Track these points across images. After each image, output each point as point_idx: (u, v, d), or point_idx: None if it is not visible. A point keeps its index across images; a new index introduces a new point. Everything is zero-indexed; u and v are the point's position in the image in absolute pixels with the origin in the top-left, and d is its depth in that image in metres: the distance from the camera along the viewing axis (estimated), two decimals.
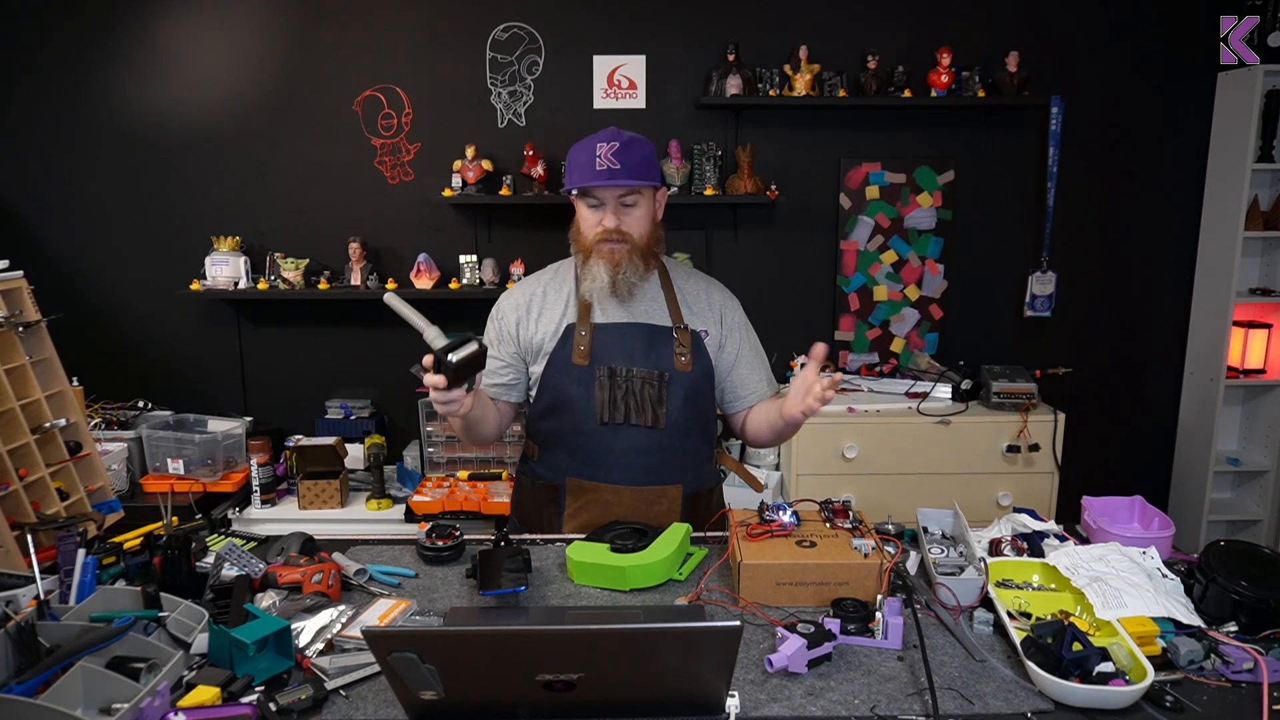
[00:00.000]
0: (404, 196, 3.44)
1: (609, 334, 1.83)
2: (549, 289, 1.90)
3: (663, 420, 1.82)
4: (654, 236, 1.84)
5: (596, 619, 1.45)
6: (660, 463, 1.84)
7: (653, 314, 1.85)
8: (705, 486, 1.94)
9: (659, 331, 1.84)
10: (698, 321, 1.88)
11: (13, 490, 1.91)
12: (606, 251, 1.78)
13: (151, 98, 3.36)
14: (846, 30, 3.36)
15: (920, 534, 1.68)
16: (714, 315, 1.91)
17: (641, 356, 1.82)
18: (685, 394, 1.83)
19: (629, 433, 1.82)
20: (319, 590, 1.47)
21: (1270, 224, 3.36)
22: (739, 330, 1.94)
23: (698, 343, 1.85)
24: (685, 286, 1.91)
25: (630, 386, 1.81)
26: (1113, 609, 1.34)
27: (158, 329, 3.52)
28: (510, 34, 3.35)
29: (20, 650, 1.18)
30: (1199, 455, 3.51)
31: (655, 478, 1.84)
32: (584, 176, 1.75)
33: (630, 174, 1.74)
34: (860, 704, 1.20)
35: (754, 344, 1.97)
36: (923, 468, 3.11)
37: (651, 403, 1.81)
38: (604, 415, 1.81)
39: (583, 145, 1.78)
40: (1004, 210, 3.50)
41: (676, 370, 1.82)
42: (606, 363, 1.81)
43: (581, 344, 1.82)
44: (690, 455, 1.89)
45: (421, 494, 3.09)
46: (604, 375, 1.80)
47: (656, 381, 1.81)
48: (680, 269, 1.95)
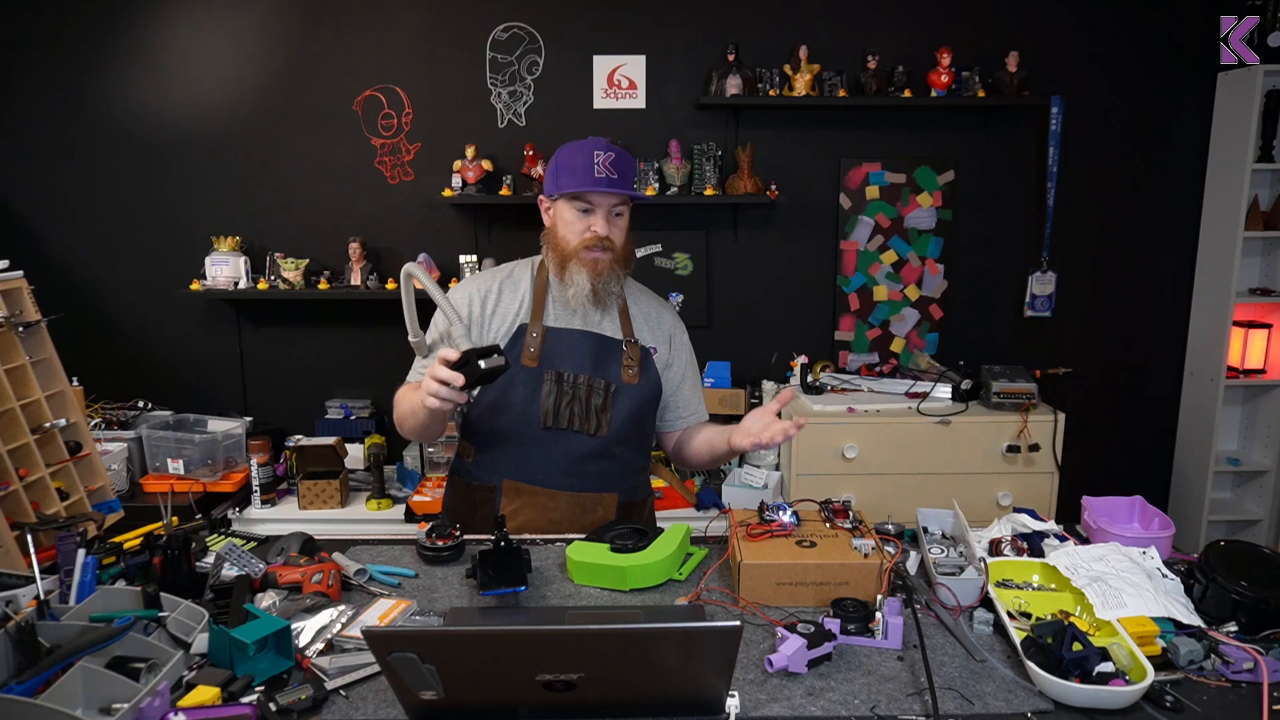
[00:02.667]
0: (404, 196, 3.44)
1: (560, 339, 1.83)
2: (504, 287, 1.88)
3: (605, 429, 1.83)
4: (630, 248, 1.87)
5: (596, 619, 1.45)
6: (598, 470, 1.86)
7: (604, 325, 1.87)
8: (639, 497, 1.97)
9: (609, 343, 1.86)
10: (648, 338, 1.90)
11: (13, 490, 1.91)
12: (590, 260, 1.78)
13: (151, 98, 3.36)
14: (846, 30, 3.36)
15: (920, 534, 1.69)
16: (664, 335, 1.94)
17: (590, 365, 1.83)
18: (630, 406, 1.85)
19: (570, 438, 1.82)
20: (319, 590, 1.47)
21: (1270, 224, 3.36)
22: (684, 353, 1.98)
23: (646, 358, 1.88)
24: (639, 303, 1.93)
25: (576, 393, 1.81)
26: (1113, 609, 1.34)
27: (158, 329, 3.52)
28: (510, 34, 3.35)
29: (20, 650, 1.18)
30: (1199, 455, 3.51)
31: (592, 485, 1.86)
32: (583, 182, 1.75)
33: (625, 185, 1.77)
34: (860, 704, 1.20)
35: (695, 369, 2.02)
36: (923, 468, 3.11)
37: (596, 411, 1.82)
38: (548, 420, 1.81)
39: (576, 150, 1.78)
40: (1004, 210, 3.50)
41: (623, 382, 1.84)
42: (555, 366, 1.81)
43: (532, 345, 1.82)
44: (627, 465, 1.91)
45: (421, 494, 3.09)
46: (552, 379, 1.81)
47: (603, 391, 1.82)
48: (634, 286, 1.96)
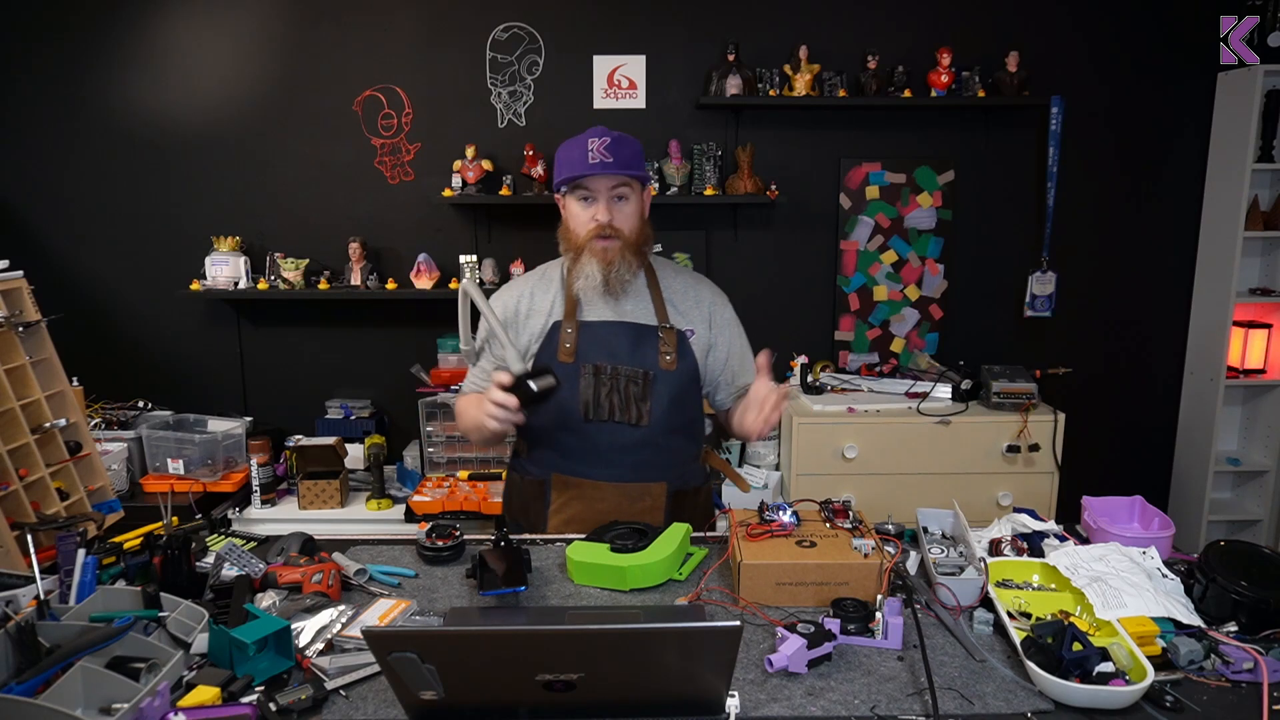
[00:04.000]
0: (404, 196, 3.44)
1: (595, 332, 1.84)
2: (536, 291, 1.90)
3: (646, 418, 1.82)
4: (643, 234, 1.85)
5: (596, 619, 1.45)
6: (644, 460, 1.85)
7: (638, 313, 1.86)
8: (690, 485, 1.95)
9: (644, 330, 1.85)
10: (684, 321, 1.89)
11: (13, 490, 1.91)
12: (599, 249, 1.79)
13: (151, 98, 3.36)
14: (846, 30, 3.36)
15: (920, 534, 1.69)
16: (702, 315, 1.91)
17: (626, 355, 1.83)
18: (670, 393, 1.84)
19: (613, 429, 1.83)
20: (319, 590, 1.47)
21: (1270, 224, 3.36)
22: (729, 328, 1.94)
23: (683, 342, 1.86)
24: (672, 285, 1.91)
25: (615, 384, 1.81)
26: (1113, 609, 1.34)
27: (158, 329, 3.52)
28: (510, 34, 3.35)
29: (20, 650, 1.18)
30: (1199, 455, 3.51)
31: (639, 475, 1.86)
32: (575, 168, 1.76)
33: (622, 166, 1.76)
34: (860, 704, 1.20)
35: (743, 339, 1.98)
36: (923, 468, 3.11)
37: (635, 400, 1.82)
38: (589, 412, 1.82)
39: (573, 142, 1.79)
40: (1004, 210, 3.50)
41: (661, 369, 1.83)
42: (591, 360, 1.82)
43: (567, 341, 1.83)
44: (675, 453, 1.90)
45: (421, 494, 3.09)
46: (589, 372, 1.81)
47: (641, 379, 1.82)
48: (668, 267, 1.95)
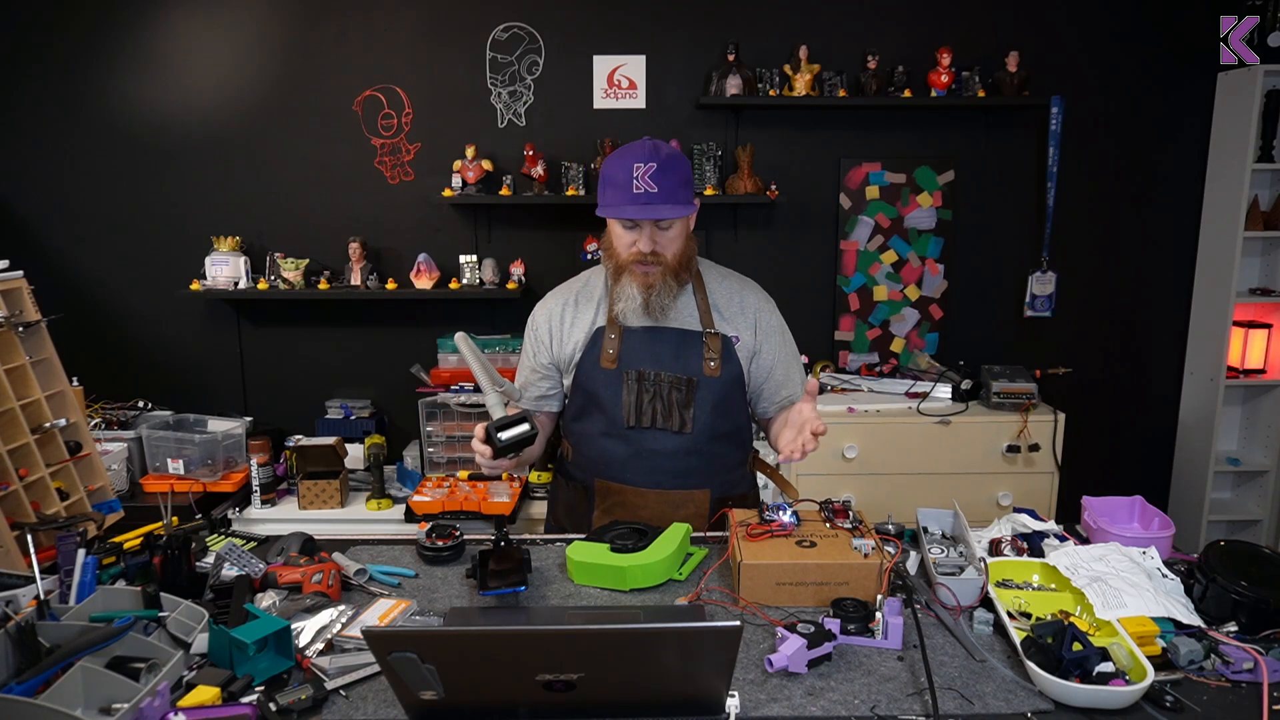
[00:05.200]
0: (404, 196, 3.44)
1: (638, 338, 1.82)
2: (580, 298, 1.89)
3: (690, 425, 1.81)
4: (687, 253, 1.81)
5: (596, 619, 1.45)
6: (687, 467, 1.84)
7: (682, 319, 1.84)
8: (736, 492, 1.92)
9: (688, 336, 1.83)
10: (729, 326, 1.86)
11: (13, 490, 1.91)
12: (640, 274, 1.76)
13: (151, 98, 3.36)
14: (846, 30, 3.36)
15: (920, 534, 1.69)
16: (747, 321, 1.88)
17: (670, 361, 1.81)
18: (714, 399, 1.82)
19: (656, 436, 1.82)
20: (319, 590, 1.47)
21: (1270, 224, 3.36)
22: (775, 335, 1.90)
23: (728, 348, 1.84)
24: (717, 290, 1.88)
25: (658, 391, 1.80)
26: (1113, 609, 1.34)
27: (158, 329, 3.52)
28: (510, 34, 3.35)
29: (20, 650, 1.18)
30: (1199, 455, 3.51)
31: (682, 482, 1.84)
32: (619, 199, 1.71)
33: (666, 198, 1.70)
34: (860, 704, 1.20)
35: (790, 347, 1.94)
36: (923, 468, 3.11)
37: (679, 407, 1.80)
38: (631, 419, 1.81)
39: (619, 163, 1.72)
40: (1004, 210, 3.49)
41: (705, 375, 1.81)
42: (635, 366, 1.80)
43: (610, 348, 1.81)
44: (719, 460, 1.88)
45: (421, 494, 3.09)
46: (632, 379, 1.80)
47: (684, 386, 1.80)
48: (714, 271, 1.92)
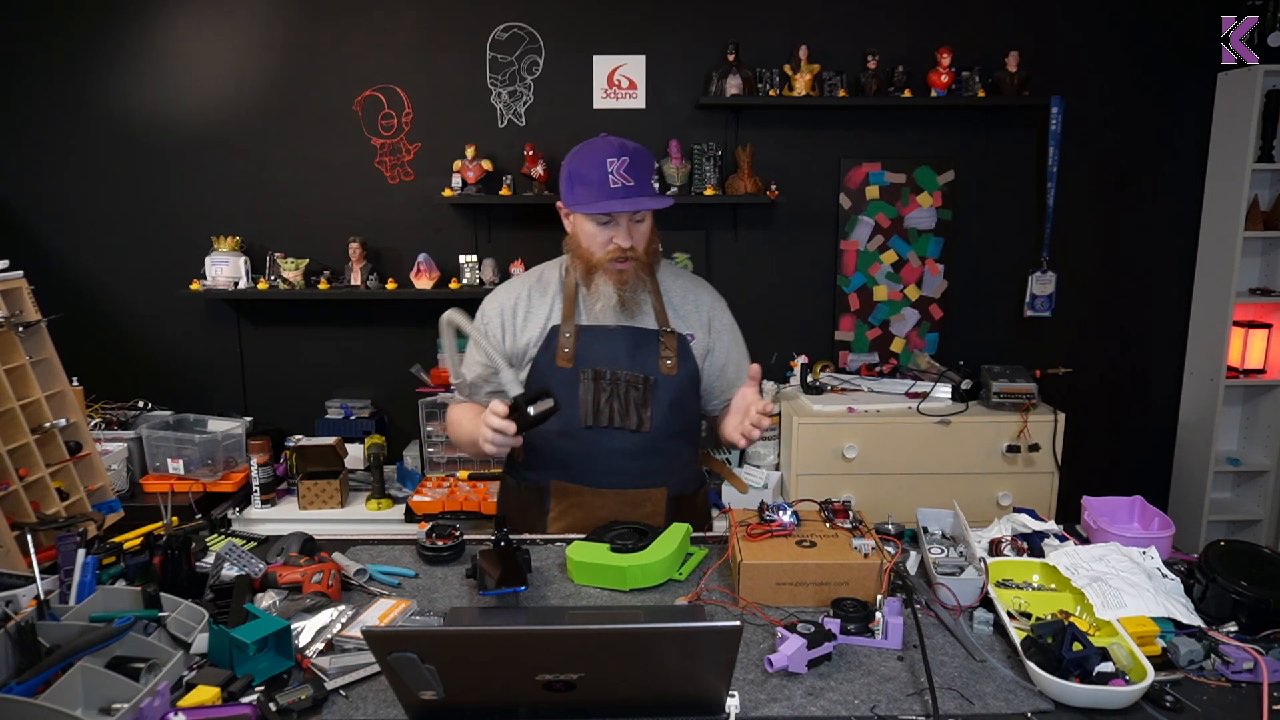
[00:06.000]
0: (404, 196, 3.44)
1: (594, 336, 1.81)
2: (533, 293, 1.87)
3: (647, 424, 1.80)
4: (654, 246, 1.82)
5: (596, 619, 1.45)
6: (645, 466, 1.83)
7: (638, 317, 1.83)
8: (689, 489, 1.94)
9: (645, 335, 1.82)
10: (684, 325, 1.86)
11: (13, 490, 1.91)
12: (616, 272, 1.76)
13: (151, 98, 3.36)
14: (846, 30, 3.36)
15: (920, 534, 1.69)
16: (701, 319, 1.88)
17: (627, 360, 1.80)
18: (670, 398, 1.82)
19: (613, 436, 1.81)
20: (319, 590, 1.47)
21: (1270, 224, 3.36)
22: (727, 334, 1.91)
23: (684, 346, 1.83)
24: (672, 289, 1.88)
25: (615, 389, 1.79)
26: (1113, 609, 1.34)
27: (158, 329, 3.52)
28: (510, 34, 3.35)
29: (20, 650, 1.18)
30: (1199, 455, 3.51)
31: (640, 481, 1.84)
32: (599, 196, 1.70)
33: (643, 191, 1.72)
34: (860, 704, 1.20)
35: (741, 346, 1.95)
36: (923, 468, 3.11)
37: (636, 406, 1.79)
38: (588, 419, 1.79)
39: (588, 159, 1.72)
40: (1004, 210, 3.49)
41: (662, 374, 1.81)
42: (591, 365, 1.79)
43: (566, 346, 1.80)
44: (675, 458, 1.88)
45: (421, 494, 3.09)
46: (589, 378, 1.79)
47: (642, 385, 1.79)
48: (668, 270, 1.91)
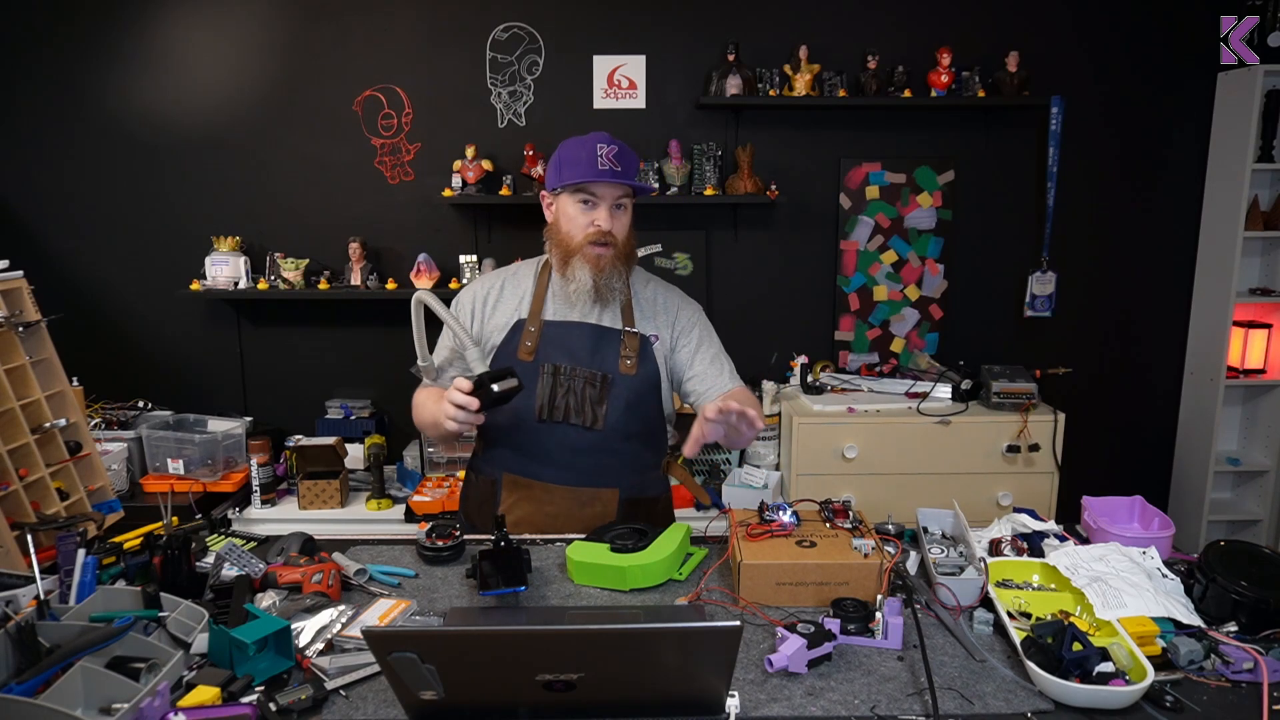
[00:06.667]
0: (404, 196, 3.44)
1: (557, 331, 1.83)
2: (506, 285, 1.90)
3: (601, 422, 1.81)
4: (631, 244, 1.85)
5: (596, 619, 1.45)
6: (596, 464, 1.84)
7: (604, 317, 1.85)
8: (647, 494, 1.92)
9: (606, 333, 1.84)
10: (648, 326, 1.87)
11: (13, 490, 1.91)
12: (593, 256, 1.78)
13: (151, 98, 3.36)
14: (846, 30, 3.36)
15: (920, 534, 1.69)
16: (667, 319, 1.89)
17: (586, 356, 1.81)
18: (627, 397, 1.82)
19: (566, 431, 1.82)
20: (319, 590, 1.47)
21: (1270, 224, 3.36)
22: (696, 329, 1.91)
23: (645, 347, 1.85)
24: (641, 292, 1.91)
25: (572, 385, 1.80)
26: (1113, 609, 1.34)
27: (158, 329, 3.52)
28: (510, 34, 3.35)
29: (20, 650, 1.18)
30: (1199, 455, 3.51)
31: (590, 479, 1.84)
32: (586, 173, 1.74)
33: (630, 178, 1.77)
34: (860, 704, 1.20)
35: (711, 341, 1.93)
36: (923, 468, 3.11)
37: (591, 403, 1.80)
38: (543, 412, 1.80)
39: (578, 143, 1.77)
40: (1004, 210, 3.49)
41: (620, 373, 1.82)
42: (551, 360, 1.81)
43: (529, 339, 1.82)
44: (630, 460, 1.88)
45: (421, 494, 3.09)
46: (548, 372, 1.80)
47: (599, 382, 1.80)
48: (640, 276, 1.94)
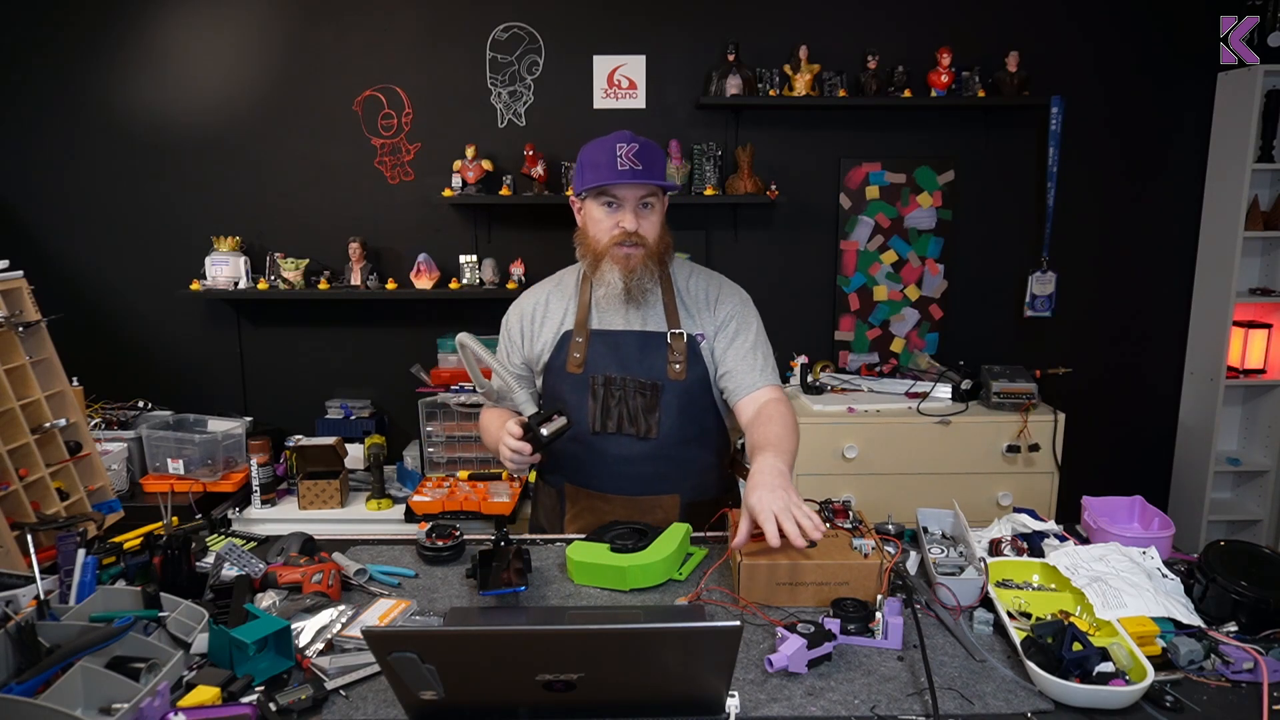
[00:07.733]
0: (404, 196, 3.44)
1: (604, 342, 1.80)
2: (551, 297, 1.88)
3: (655, 430, 1.79)
4: (665, 241, 1.80)
5: (596, 619, 1.45)
6: (654, 472, 1.82)
7: (649, 320, 1.81)
8: (709, 495, 1.88)
9: (653, 339, 1.80)
10: (693, 324, 1.83)
11: (13, 490, 1.91)
12: (622, 256, 1.74)
13: (151, 98, 3.36)
14: (846, 30, 3.36)
15: (920, 534, 1.68)
16: (710, 313, 1.83)
17: (635, 365, 1.79)
18: (679, 403, 1.80)
19: (621, 442, 1.80)
20: (319, 590, 1.47)
21: (1270, 224, 3.36)
22: (734, 320, 1.82)
23: (693, 349, 1.81)
24: (685, 289, 1.85)
25: (623, 395, 1.78)
26: (1113, 609, 1.34)
27: (158, 329, 3.52)
28: (510, 34, 3.35)
29: (20, 650, 1.18)
30: (1199, 455, 3.51)
31: (649, 488, 1.82)
32: (605, 175, 1.70)
33: (652, 175, 1.71)
34: (860, 704, 1.20)
35: (750, 331, 1.83)
36: (923, 468, 3.11)
37: (643, 412, 1.78)
38: (596, 424, 1.79)
39: (598, 146, 1.73)
40: (1004, 210, 3.49)
41: (670, 379, 1.79)
42: (601, 371, 1.79)
43: (576, 351, 1.80)
44: (688, 465, 1.85)
45: (421, 494, 3.09)
46: (598, 384, 1.79)
47: (649, 391, 1.78)
48: (684, 269, 1.89)
